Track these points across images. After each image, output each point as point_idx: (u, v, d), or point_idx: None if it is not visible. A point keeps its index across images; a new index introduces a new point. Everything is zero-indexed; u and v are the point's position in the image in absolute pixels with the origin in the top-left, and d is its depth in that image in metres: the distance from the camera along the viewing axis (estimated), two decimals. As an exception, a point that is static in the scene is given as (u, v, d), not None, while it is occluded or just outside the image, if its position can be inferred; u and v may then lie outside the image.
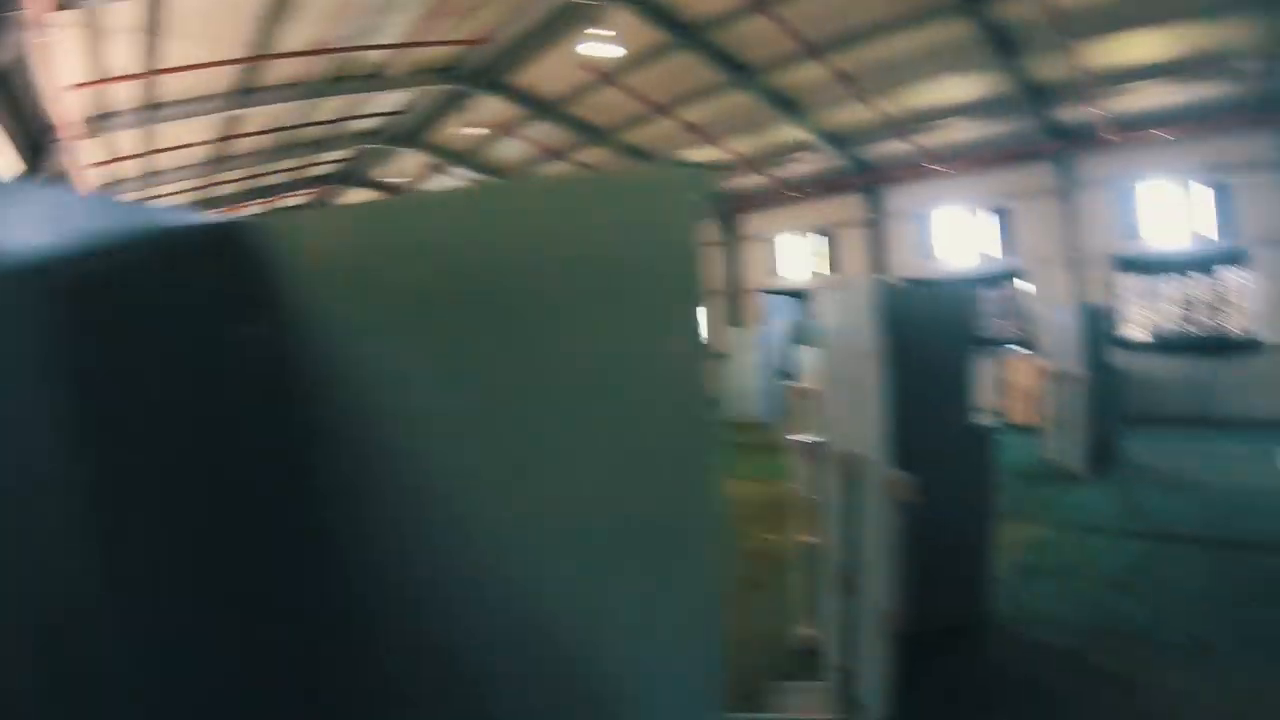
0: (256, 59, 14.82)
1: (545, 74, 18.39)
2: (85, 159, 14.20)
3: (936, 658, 5.72)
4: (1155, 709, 4.88)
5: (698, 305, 1.56)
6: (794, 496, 5.93)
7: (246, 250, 1.69)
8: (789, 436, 5.94)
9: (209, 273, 1.66)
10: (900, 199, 22.54)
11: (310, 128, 20.40)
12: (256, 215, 1.80)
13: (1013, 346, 19.76)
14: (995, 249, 21.05)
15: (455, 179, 26.36)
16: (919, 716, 4.86)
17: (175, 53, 13.70)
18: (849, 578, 4.93)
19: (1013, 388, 17.17)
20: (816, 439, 5.60)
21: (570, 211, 1.64)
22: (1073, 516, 9.54)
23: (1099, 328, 12.35)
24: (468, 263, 1.65)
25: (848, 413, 5.13)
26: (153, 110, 15.72)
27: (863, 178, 22.59)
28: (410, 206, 2.07)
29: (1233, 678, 5.21)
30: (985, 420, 6.15)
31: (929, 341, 5.59)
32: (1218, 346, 17.25)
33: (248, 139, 19.94)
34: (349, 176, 26.92)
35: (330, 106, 19.35)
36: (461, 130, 19.33)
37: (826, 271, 24.55)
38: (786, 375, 15.44)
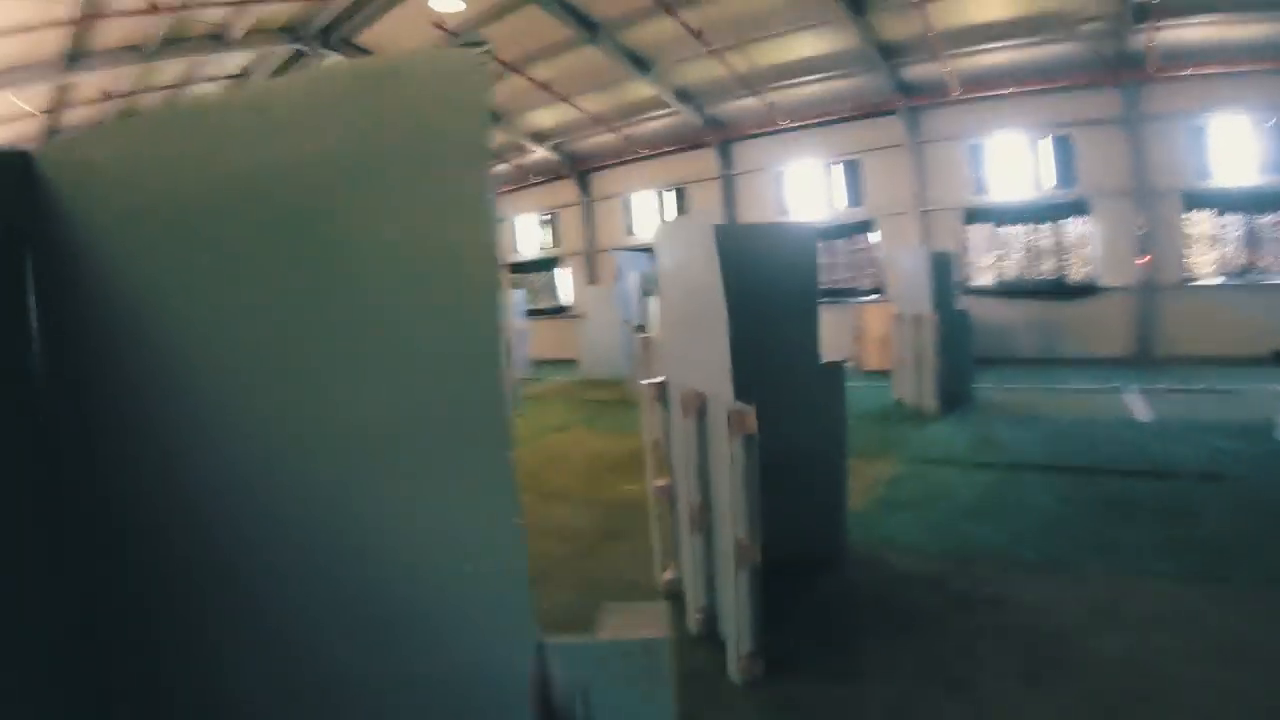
0: (87, 20, 13.71)
1: (391, 32, 17.58)
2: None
3: (799, 589, 5.69)
4: (1017, 621, 4.99)
5: (489, 191, 1.39)
6: (648, 443, 5.74)
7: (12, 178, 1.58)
8: (638, 383, 5.76)
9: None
10: (753, 154, 22.66)
11: (149, 93, 18.95)
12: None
13: (867, 295, 20.28)
14: (846, 202, 21.43)
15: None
16: (785, 646, 4.78)
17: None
18: (702, 515, 4.78)
19: (868, 335, 17.55)
20: (661, 380, 5.42)
21: (346, 102, 1.48)
22: (927, 452, 9.76)
23: (945, 272, 12.65)
24: (251, 169, 1.51)
25: (689, 350, 4.94)
26: None
27: (715, 134, 22.59)
28: (187, 114, 1.83)
29: (1088, 587, 5.43)
30: (834, 359, 6.07)
31: (770, 278, 5.46)
32: (1060, 291, 18.13)
33: (84, 108, 18.55)
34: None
35: (170, 71, 18.09)
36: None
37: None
38: (640, 328, 15.45)
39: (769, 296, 5.39)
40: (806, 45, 17.51)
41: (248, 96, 1.79)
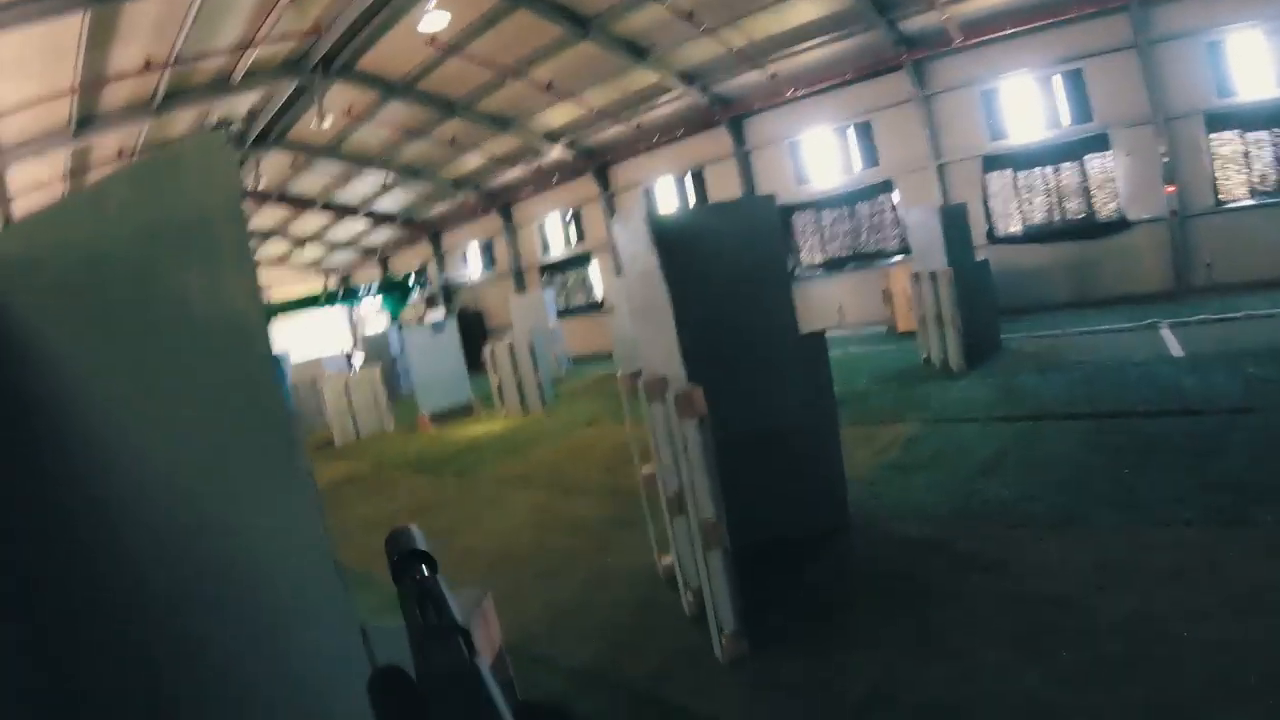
0: (89, 87, 14.25)
1: (390, 54, 17.81)
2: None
3: (795, 564, 5.61)
4: (1020, 585, 4.77)
5: (245, 246, 1.63)
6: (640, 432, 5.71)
7: None
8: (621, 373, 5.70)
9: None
10: (765, 128, 22.40)
11: (165, 146, 19.41)
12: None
13: (893, 257, 19.96)
14: (863, 164, 21.04)
15: (321, 173, 25.69)
16: (775, 623, 4.73)
17: (5, 96, 13.30)
18: (682, 499, 4.70)
19: (897, 295, 17.26)
20: (635, 370, 5.35)
21: (131, 199, 1.76)
22: (947, 410, 9.55)
23: (959, 226, 12.37)
24: (96, 255, 1.79)
25: (651, 338, 4.87)
26: None
27: (724, 112, 22.34)
28: (60, 211, 2.28)
29: (1099, 543, 5.14)
30: (815, 329, 5.94)
31: (730, 255, 5.34)
32: (1089, 230, 17.53)
33: (104, 167, 19.10)
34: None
35: (181, 121, 18.56)
36: (318, 123, 18.64)
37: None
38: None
39: (729, 275, 5.29)
40: (800, 11, 17.20)
41: (92, 192, 2.14)
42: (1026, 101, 18.03)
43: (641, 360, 5.40)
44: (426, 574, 0.79)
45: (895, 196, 20.32)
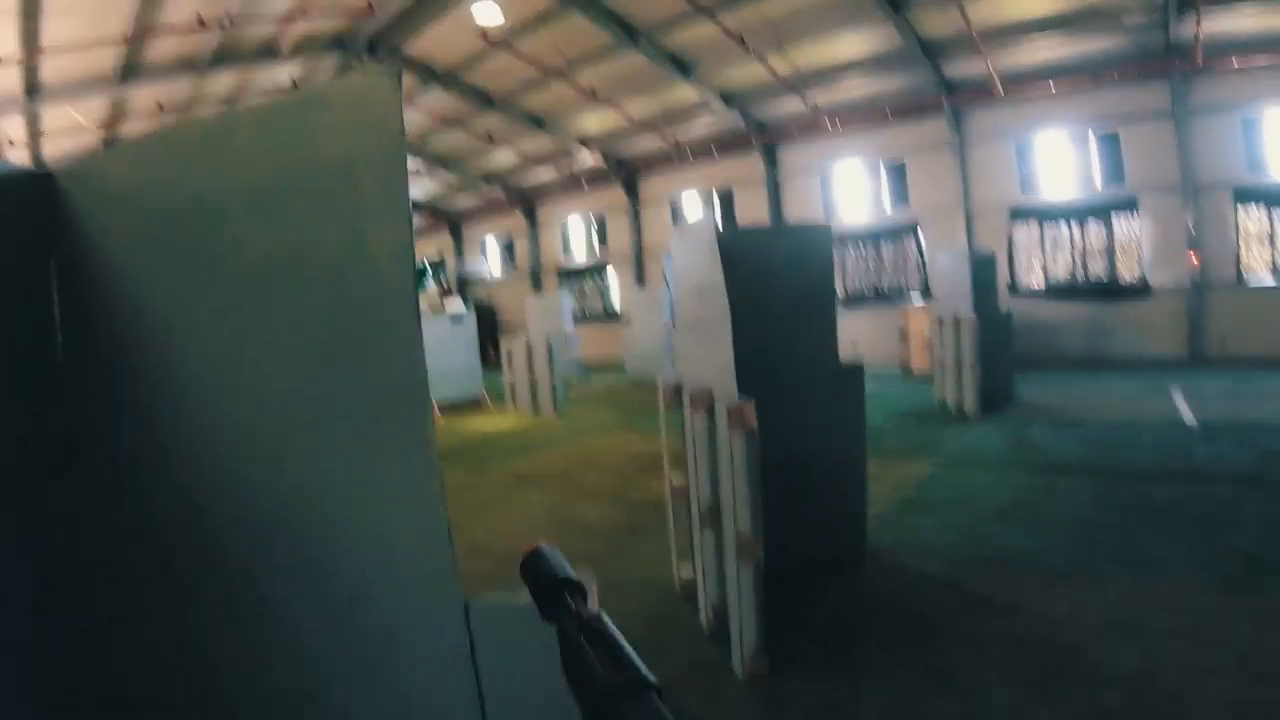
0: (139, 36, 14.32)
1: (439, 42, 17.99)
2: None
3: (814, 592, 5.68)
4: (1031, 629, 4.87)
5: (404, 197, 1.57)
6: (671, 442, 5.80)
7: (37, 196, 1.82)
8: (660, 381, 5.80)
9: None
10: (798, 157, 22.58)
11: (202, 106, 19.75)
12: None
13: (913, 297, 20.07)
14: (892, 203, 21.21)
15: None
16: (793, 646, 4.79)
17: (55, 33, 13.34)
18: (713, 513, 4.81)
19: (913, 336, 17.37)
20: (677, 380, 5.45)
21: (268, 134, 1.71)
22: (961, 454, 9.65)
23: (987, 275, 12.48)
24: (220, 190, 1.72)
25: (700, 351, 4.98)
26: (36, 94, 15.53)
27: (760, 136, 22.53)
28: (176, 138, 2.04)
29: (1110, 595, 5.25)
30: (853, 361, 6.04)
31: (783, 280, 5.45)
32: (1109, 291, 17.71)
33: (138, 120, 19.31)
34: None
35: (222, 84, 18.75)
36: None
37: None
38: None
39: (782, 299, 5.41)
40: (847, 45, 17.43)
41: (215, 125, 1.87)
42: (1060, 158, 18.22)
43: (684, 373, 5.51)
44: (584, 608, 0.71)
45: (921, 238, 20.44)
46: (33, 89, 15.51)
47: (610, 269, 28.84)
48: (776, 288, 5.33)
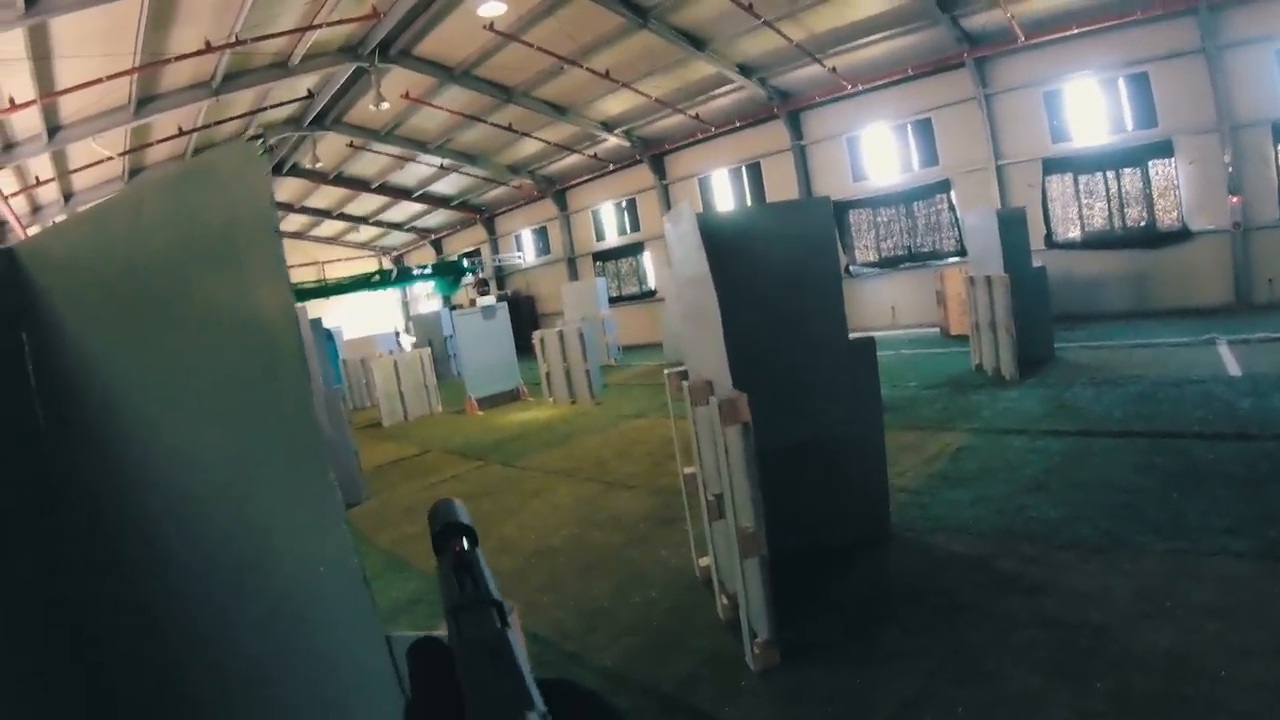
0: (150, 65, 14.62)
1: (447, 40, 17.95)
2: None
3: (833, 574, 5.58)
4: (1059, 610, 4.66)
5: (280, 255, 1.63)
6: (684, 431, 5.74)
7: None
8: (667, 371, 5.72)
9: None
10: (822, 122, 22.23)
11: (224, 124, 20.16)
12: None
13: (949, 258, 19.70)
14: (921, 162, 20.80)
15: (378, 155, 25.99)
16: (810, 633, 4.72)
17: (69, 74, 13.82)
18: (722, 503, 4.72)
19: (950, 298, 17.04)
20: (681, 370, 5.36)
21: (166, 205, 1.85)
22: (996, 421, 9.41)
23: (1017, 230, 12.17)
24: (142, 257, 1.86)
25: (697, 340, 4.87)
26: (57, 133, 16.11)
27: (782, 105, 22.22)
28: (105, 211, 2.18)
29: (1144, 570, 4.99)
30: (868, 328, 5.88)
31: (783, 258, 5.30)
32: (1148, 238, 17.15)
33: (163, 145, 19.79)
34: (274, 168, 26.24)
35: (241, 101, 19.04)
36: (375, 106, 18.92)
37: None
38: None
39: (781, 279, 5.26)
40: (862, 5, 16.98)
41: (131, 195, 2.14)
42: (1089, 104, 17.65)
43: (687, 361, 5.41)
44: (467, 547, 0.78)
45: (953, 196, 20.03)
46: (54, 129, 16.01)
47: (647, 248, 28.77)
48: (774, 268, 5.18)
